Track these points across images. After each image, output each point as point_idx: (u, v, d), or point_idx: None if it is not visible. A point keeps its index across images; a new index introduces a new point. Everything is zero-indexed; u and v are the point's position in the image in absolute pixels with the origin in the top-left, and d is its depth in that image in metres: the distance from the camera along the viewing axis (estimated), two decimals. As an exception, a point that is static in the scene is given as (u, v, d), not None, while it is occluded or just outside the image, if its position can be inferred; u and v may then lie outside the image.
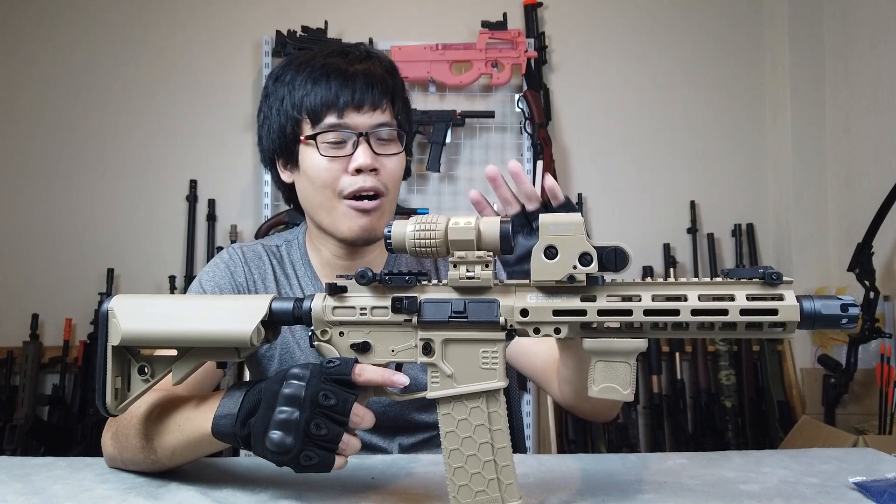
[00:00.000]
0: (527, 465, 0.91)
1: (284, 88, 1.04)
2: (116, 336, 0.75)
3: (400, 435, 1.11)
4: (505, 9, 2.76)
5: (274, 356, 1.09)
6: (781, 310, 0.64)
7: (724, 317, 0.64)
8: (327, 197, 1.02)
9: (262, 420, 0.70)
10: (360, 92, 1.00)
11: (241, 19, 2.80)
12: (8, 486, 0.81)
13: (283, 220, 2.53)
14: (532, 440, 2.46)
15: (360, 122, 1.01)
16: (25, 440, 2.41)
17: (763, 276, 0.65)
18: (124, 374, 0.77)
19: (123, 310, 0.76)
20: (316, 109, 1.01)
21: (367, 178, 1.00)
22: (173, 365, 0.77)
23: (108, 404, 0.75)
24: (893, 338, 2.21)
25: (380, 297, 0.72)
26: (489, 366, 0.69)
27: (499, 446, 0.69)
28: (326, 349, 0.73)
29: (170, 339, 0.75)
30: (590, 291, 0.68)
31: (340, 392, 0.69)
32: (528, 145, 2.70)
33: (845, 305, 0.64)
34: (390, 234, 0.70)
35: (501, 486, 0.68)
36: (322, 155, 1.01)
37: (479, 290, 0.70)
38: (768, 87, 2.87)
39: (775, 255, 2.84)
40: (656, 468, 0.89)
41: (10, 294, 2.65)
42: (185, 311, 0.75)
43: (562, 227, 0.66)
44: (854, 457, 0.95)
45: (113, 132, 2.75)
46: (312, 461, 0.68)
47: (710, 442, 2.61)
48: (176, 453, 0.82)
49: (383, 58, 1.08)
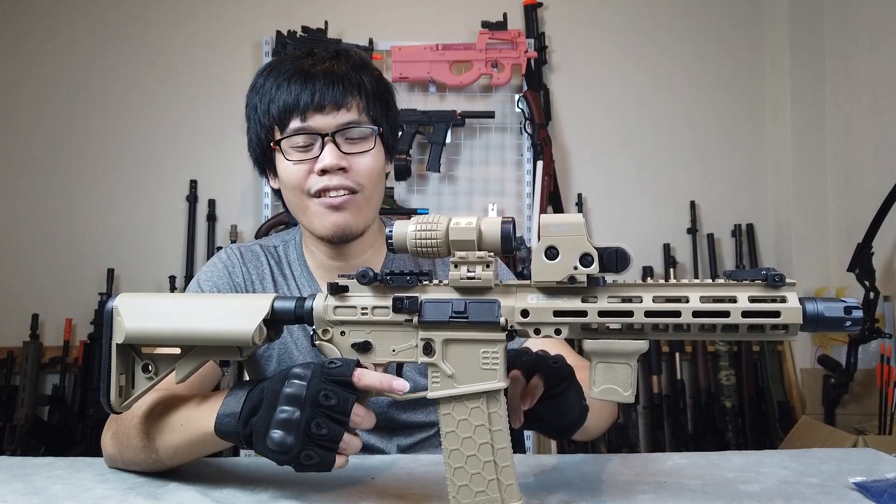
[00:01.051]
0: (527, 465, 0.91)
1: (257, 97, 1.04)
2: (121, 334, 0.75)
3: (398, 436, 1.11)
4: (505, 9, 2.76)
5: (272, 356, 1.09)
6: (784, 312, 0.63)
7: (725, 319, 0.64)
8: (299, 198, 1.03)
9: (263, 419, 0.70)
10: (321, 92, 0.99)
11: (241, 19, 2.80)
12: (8, 486, 0.81)
13: (283, 220, 2.53)
14: (532, 440, 2.46)
15: (324, 124, 1.00)
16: (25, 440, 2.41)
17: (766, 277, 0.64)
18: (128, 371, 0.78)
19: (128, 308, 0.76)
20: (281, 115, 1.01)
21: (334, 178, 1.00)
22: (177, 363, 0.77)
23: (113, 402, 0.76)
24: (893, 338, 2.21)
25: (381, 297, 0.72)
26: (490, 366, 0.69)
27: (499, 447, 0.69)
28: (328, 349, 0.73)
29: (174, 338, 0.75)
30: (590, 292, 0.67)
31: (341, 392, 0.69)
32: (528, 145, 2.70)
33: (849, 308, 0.63)
34: (391, 234, 0.70)
35: (501, 487, 0.68)
36: (287, 159, 1.01)
37: (480, 290, 0.70)
38: (768, 87, 2.87)
39: (775, 256, 2.84)
40: (656, 468, 0.89)
41: (10, 294, 2.65)
42: (188, 310, 0.76)
43: (563, 227, 0.66)
44: (854, 457, 0.95)
45: (113, 132, 2.75)
46: (313, 460, 0.68)
47: (710, 442, 2.61)
48: (178, 452, 0.82)
49: (353, 55, 1.06)
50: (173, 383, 0.92)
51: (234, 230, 2.72)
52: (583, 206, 2.78)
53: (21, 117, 2.73)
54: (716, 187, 2.86)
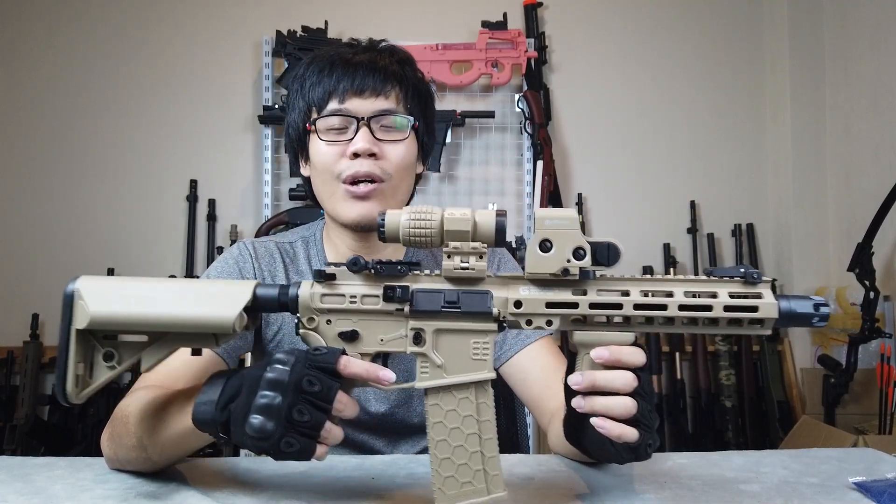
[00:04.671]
0: (527, 465, 0.91)
1: (298, 83, 1.06)
2: (83, 319, 0.70)
3: (403, 442, 1.11)
4: (505, 9, 2.76)
5: (283, 344, 1.07)
6: (761, 307, 0.68)
7: (708, 312, 0.67)
8: (328, 181, 1.03)
9: (242, 404, 0.67)
10: (361, 78, 1.01)
11: (241, 19, 2.80)
12: (8, 486, 0.81)
13: (283, 220, 2.53)
14: (533, 440, 2.46)
15: (361, 108, 1.01)
16: (25, 440, 2.41)
17: (744, 275, 0.68)
18: (87, 360, 0.72)
19: (92, 291, 0.71)
20: (320, 98, 1.02)
21: (364, 163, 1.00)
22: (143, 352, 0.72)
23: (69, 392, 0.70)
24: (893, 338, 2.21)
25: (371, 286, 0.71)
26: (480, 356, 0.69)
27: (486, 437, 0.69)
28: (313, 337, 0.71)
29: (146, 323, 0.70)
30: (581, 285, 0.69)
31: (325, 379, 0.67)
32: (528, 145, 2.70)
33: (817, 305, 0.68)
34: (384, 222, 0.69)
35: (487, 478, 0.68)
36: (321, 140, 1.02)
37: (473, 280, 0.70)
38: (768, 87, 2.87)
39: (775, 256, 2.84)
40: (656, 468, 0.89)
41: (10, 294, 2.65)
42: (162, 294, 0.71)
43: (557, 221, 0.67)
44: (854, 457, 0.95)
45: (113, 132, 2.75)
46: (293, 448, 0.65)
47: (710, 442, 2.61)
48: (165, 449, 0.80)
49: (397, 50, 1.08)
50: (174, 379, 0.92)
51: (234, 230, 2.72)
52: (583, 206, 2.78)
53: (21, 117, 2.73)
54: (716, 187, 2.86)
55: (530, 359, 1.07)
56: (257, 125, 2.71)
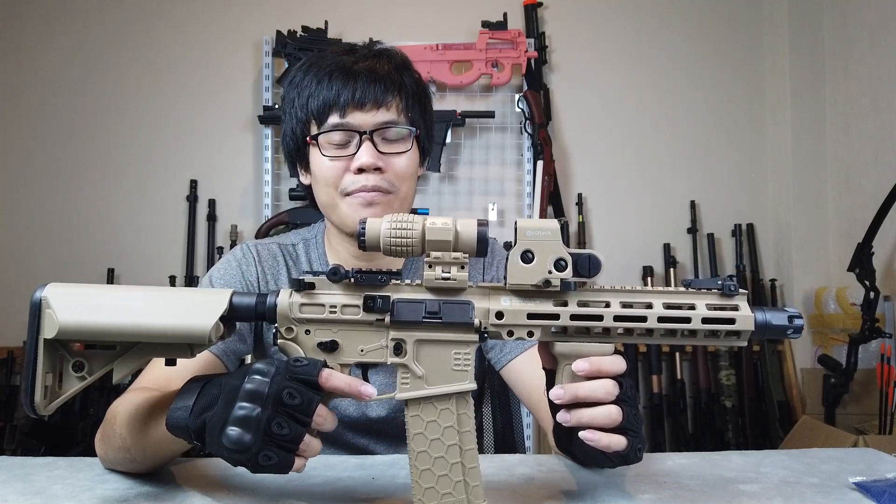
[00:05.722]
0: (527, 465, 0.91)
1: (295, 91, 1.04)
2: (52, 329, 0.68)
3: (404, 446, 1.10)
4: (505, 9, 2.76)
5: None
6: (738, 319, 0.69)
7: (687, 325, 0.68)
8: (332, 196, 1.02)
9: (219, 415, 0.65)
10: (362, 90, 0.99)
11: (241, 19, 2.80)
12: (8, 486, 0.81)
13: (283, 220, 2.53)
14: (532, 440, 2.46)
15: (363, 121, 0.99)
16: (25, 440, 2.41)
17: (721, 287, 0.69)
18: (56, 370, 0.70)
19: (60, 300, 0.69)
20: (320, 110, 1.00)
21: (370, 178, 0.99)
22: (115, 362, 0.70)
23: (37, 403, 0.68)
24: (893, 338, 2.21)
25: (351, 296, 0.70)
26: (461, 367, 0.69)
27: (466, 448, 0.68)
28: (291, 348, 0.70)
29: (118, 333, 0.68)
30: (562, 296, 0.69)
31: (306, 392, 0.65)
32: (528, 145, 2.70)
33: (791, 317, 0.69)
34: (364, 230, 0.68)
35: (468, 489, 0.68)
36: (324, 155, 1.00)
37: (454, 291, 0.70)
38: (768, 87, 2.87)
39: (775, 256, 2.84)
40: (656, 468, 0.89)
41: (10, 294, 2.65)
42: (135, 303, 0.69)
43: (539, 231, 0.67)
44: (854, 457, 0.95)
45: (113, 132, 2.76)
46: (271, 461, 0.64)
47: (710, 442, 2.61)
48: (147, 452, 0.79)
49: (395, 54, 1.06)
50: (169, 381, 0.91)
51: (234, 230, 2.72)
52: (583, 206, 2.78)
53: (21, 117, 2.74)
54: (716, 187, 2.86)
55: (529, 362, 1.06)
56: (257, 125, 2.71)
